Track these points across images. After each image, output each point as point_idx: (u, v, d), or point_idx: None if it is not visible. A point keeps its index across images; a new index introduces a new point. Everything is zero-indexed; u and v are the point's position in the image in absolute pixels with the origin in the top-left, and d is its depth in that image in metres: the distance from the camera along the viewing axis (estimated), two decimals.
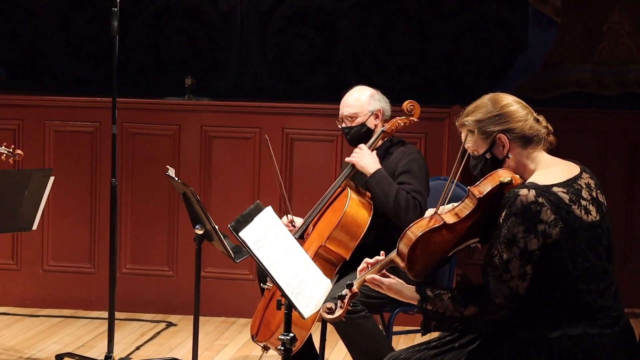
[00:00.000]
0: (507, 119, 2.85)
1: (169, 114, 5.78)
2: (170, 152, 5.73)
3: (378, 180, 4.04)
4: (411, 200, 3.97)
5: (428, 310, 2.81)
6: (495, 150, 2.87)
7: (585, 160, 2.97)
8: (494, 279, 2.71)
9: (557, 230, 2.70)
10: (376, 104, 4.22)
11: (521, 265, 2.69)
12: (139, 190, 5.77)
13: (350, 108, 4.21)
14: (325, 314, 2.80)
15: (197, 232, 4.00)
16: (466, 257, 5.86)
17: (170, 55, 7.42)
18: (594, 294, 2.74)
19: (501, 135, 2.84)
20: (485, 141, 2.87)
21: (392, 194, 3.98)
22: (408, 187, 4.03)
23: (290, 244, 3.27)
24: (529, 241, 2.68)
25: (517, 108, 2.88)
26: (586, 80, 6.90)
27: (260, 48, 7.38)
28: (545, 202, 2.70)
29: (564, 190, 2.75)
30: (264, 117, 5.70)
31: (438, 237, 2.77)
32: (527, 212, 2.68)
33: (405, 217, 3.94)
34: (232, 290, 5.73)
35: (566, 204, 2.73)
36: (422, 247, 2.76)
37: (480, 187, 2.80)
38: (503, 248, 2.70)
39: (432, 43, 7.23)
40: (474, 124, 2.88)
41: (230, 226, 3.06)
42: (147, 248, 5.79)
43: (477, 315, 2.75)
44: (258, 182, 5.67)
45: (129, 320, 5.62)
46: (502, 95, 2.93)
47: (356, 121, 4.21)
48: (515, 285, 2.70)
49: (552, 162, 2.87)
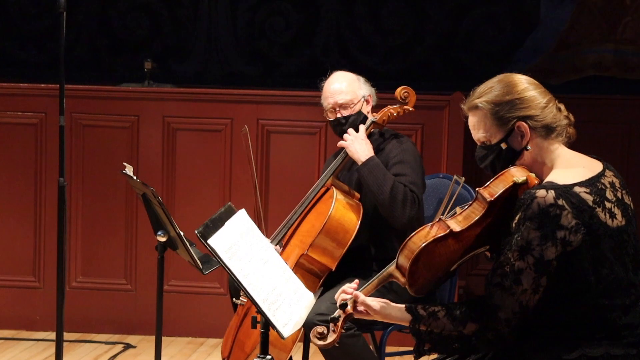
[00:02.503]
0: (529, 104, 2.83)
1: (125, 102, 5.76)
2: (128, 147, 5.72)
3: (371, 168, 4.03)
4: (409, 194, 3.97)
5: (421, 331, 2.81)
6: (512, 140, 2.85)
7: (606, 155, 2.97)
8: (502, 291, 2.70)
9: (579, 237, 2.69)
10: (366, 89, 4.25)
11: (536, 277, 2.68)
12: (91, 192, 5.75)
13: (346, 94, 4.22)
14: (316, 339, 2.79)
15: (159, 239, 3.99)
16: (469, 267, 5.88)
17: (127, 35, 7.41)
18: (618, 310, 2.73)
19: (522, 122, 2.83)
20: (501, 128, 2.85)
21: (387, 185, 3.97)
22: (404, 178, 4.03)
23: (267, 252, 3.26)
24: (546, 250, 2.67)
25: (539, 93, 2.86)
26: (607, 62, 6.92)
27: (231, 27, 7.37)
28: (566, 204, 2.68)
29: (586, 190, 2.74)
30: (235, 106, 5.69)
31: (443, 248, 2.76)
32: (545, 216, 2.67)
33: (402, 212, 3.95)
34: (200, 307, 5.72)
35: (589, 206, 2.72)
36: (426, 260, 2.75)
37: (490, 189, 2.78)
38: (516, 256, 2.69)
39: (429, 20, 7.24)
40: (489, 106, 2.84)
41: (197, 232, 3.05)
42: (101, 258, 5.77)
43: (478, 333, 2.75)
44: (230, 181, 5.66)
45: (80, 342, 5.60)
46: (519, 76, 2.90)
47: (353, 109, 4.21)
48: (526, 300, 2.69)
49: (572, 158, 2.86)
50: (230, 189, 5.67)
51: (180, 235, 3.90)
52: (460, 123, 5.52)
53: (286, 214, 4.28)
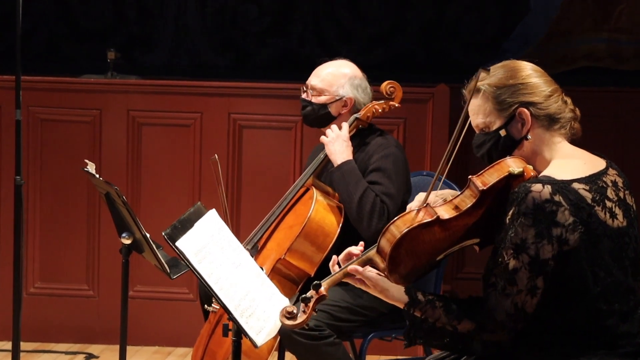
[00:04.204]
0: (532, 90, 2.85)
1: (87, 95, 5.74)
2: (90, 143, 5.70)
3: (344, 173, 4.04)
4: (378, 204, 3.98)
5: (416, 317, 2.81)
6: (512, 127, 2.86)
7: (598, 150, 2.98)
8: (496, 292, 2.72)
9: (576, 236, 2.70)
10: (350, 91, 4.21)
11: (531, 277, 2.69)
12: (50, 191, 5.72)
13: (319, 81, 4.22)
14: (284, 319, 2.78)
15: (123, 241, 3.98)
16: (455, 270, 5.89)
17: (89, 23, 7.38)
18: (616, 316, 2.74)
19: (523, 109, 2.84)
20: (501, 114, 2.86)
21: (357, 193, 3.99)
22: (378, 188, 4.04)
23: (239, 255, 3.26)
24: (542, 248, 2.68)
25: (544, 81, 2.88)
26: (601, 52, 6.95)
27: (201, 14, 7.36)
28: (562, 200, 2.69)
29: (586, 187, 2.76)
30: (205, 99, 5.69)
31: (429, 235, 2.76)
32: (540, 212, 2.68)
33: (368, 223, 3.96)
34: (168, 314, 5.72)
35: (588, 204, 2.73)
36: (409, 246, 2.75)
37: (484, 177, 2.79)
38: (509, 255, 2.70)
39: (411, 8, 7.26)
40: (491, 89, 2.85)
41: (165, 234, 3.05)
42: (61, 262, 5.75)
43: (473, 333, 2.76)
44: (199, 180, 5.66)
45: (39, 352, 5.58)
46: (524, 62, 2.92)
47: (319, 98, 4.21)
48: (521, 301, 2.70)
49: (572, 153, 2.88)
50: (200, 188, 5.66)
51: (146, 237, 3.89)
52: (446, 117, 5.54)
53: (260, 216, 4.27)
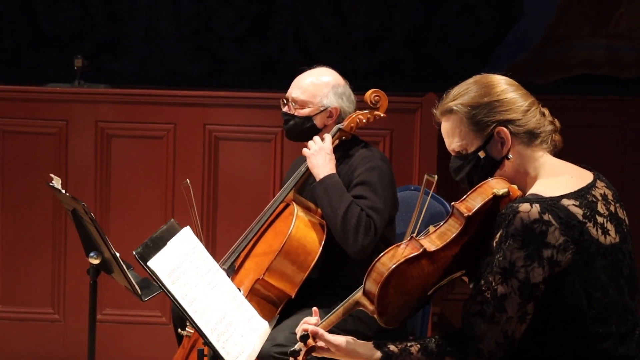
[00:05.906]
0: (509, 106, 2.86)
1: (53, 105, 5.73)
2: (55, 156, 5.69)
3: (327, 187, 4.05)
4: (364, 219, 3.99)
5: None
6: (492, 147, 2.87)
7: (597, 163, 3.01)
8: (483, 320, 2.72)
9: (568, 257, 2.71)
10: (334, 100, 4.22)
11: (521, 303, 2.70)
12: (12, 207, 5.71)
13: (301, 93, 4.23)
14: None
15: (91, 261, 3.97)
16: (445, 292, 5.90)
17: (54, 28, 7.37)
18: (613, 339, 2.75)
19: (502, 128, 2.85)
20: (478, 135, 2.87)
21: (341, 208, 3.99)
22: (363, 202, 4.04)
23: (215, 276, 3.26)
24: (532, 271, 2.69)
25: (520, 95, 2.89)
26: (599, 58, 6.99)
27: (174, 19, 7.36)
28: (552, 219, 2.70)
29: (575, 203, 2.76)
30: (179, 109, 5.69)
31: (416, 270, 2.76)
32: (530, 233, 2.68)
33: (354, 239, 3.97)
34: (139, 338, 5.71)
35: (579, 221, 2.74)
36: (397, 284, 2.75)
37: (468, 203, 2.80)
38: (498, 280, 2.70)
39: (398, 12, 7.28)
40: (465, 110, 2.87)
41: (135, 253, 3.05)
42: (24, 284, 5.73)
43: None
44: (172, 195, 5.65)
45: None
46: (496, 76, 2.93)
47: (302, 111, 4.21)
48: (512, 329, 2.71)
49: (558, 167, 2.89)
50: (174, 204, 5.65)
51: (116, 256, 3.89)
52: (434, 128, 5.52)
53: (237, 234, 4.27)
